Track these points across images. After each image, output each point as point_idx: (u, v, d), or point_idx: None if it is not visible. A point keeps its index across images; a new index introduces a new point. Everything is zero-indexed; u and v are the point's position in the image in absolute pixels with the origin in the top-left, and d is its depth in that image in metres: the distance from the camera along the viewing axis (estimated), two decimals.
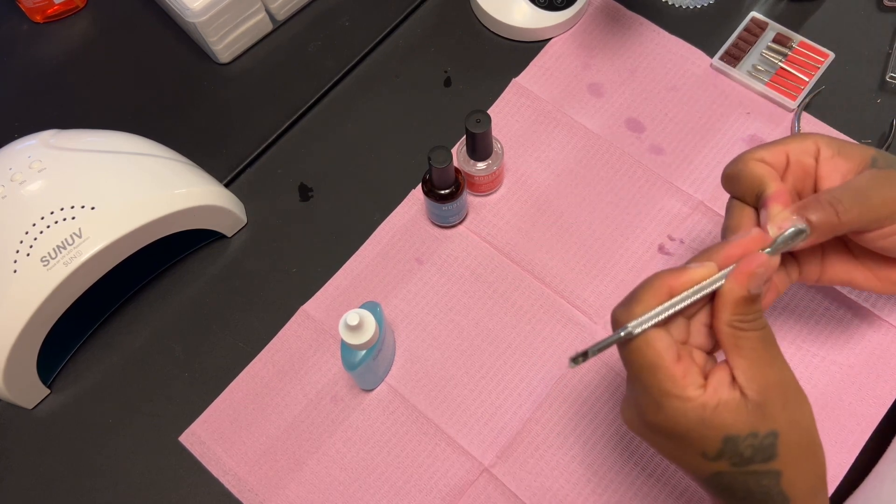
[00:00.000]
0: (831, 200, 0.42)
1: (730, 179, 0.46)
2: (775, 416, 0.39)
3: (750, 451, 0.39)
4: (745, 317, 0.39)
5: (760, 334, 0.39)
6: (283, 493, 0.57)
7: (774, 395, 0.39)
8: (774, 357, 0.40)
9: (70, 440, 0.59)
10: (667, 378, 0.39)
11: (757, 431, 0.38)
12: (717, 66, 0.68)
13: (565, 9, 0.70)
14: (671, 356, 0.39)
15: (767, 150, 0.45)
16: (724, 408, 0.38)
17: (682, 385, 0.38)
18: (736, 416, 0.38)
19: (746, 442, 0.38)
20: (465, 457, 0.57)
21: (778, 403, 0.39)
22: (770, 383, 0.39)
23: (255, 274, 0.64)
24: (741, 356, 0.39)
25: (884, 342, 0.58)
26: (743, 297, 0.39)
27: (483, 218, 0.64)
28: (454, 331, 0.61)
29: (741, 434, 0.38)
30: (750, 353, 0.39)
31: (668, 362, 0.39)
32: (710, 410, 0.38)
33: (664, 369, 0.39)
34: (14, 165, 0.55)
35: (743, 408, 0.38)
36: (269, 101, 0.70)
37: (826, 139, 0.45)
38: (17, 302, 0.53)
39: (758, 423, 0.38)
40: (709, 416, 0.38)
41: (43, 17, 0.75)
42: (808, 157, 0.45)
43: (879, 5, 0.71)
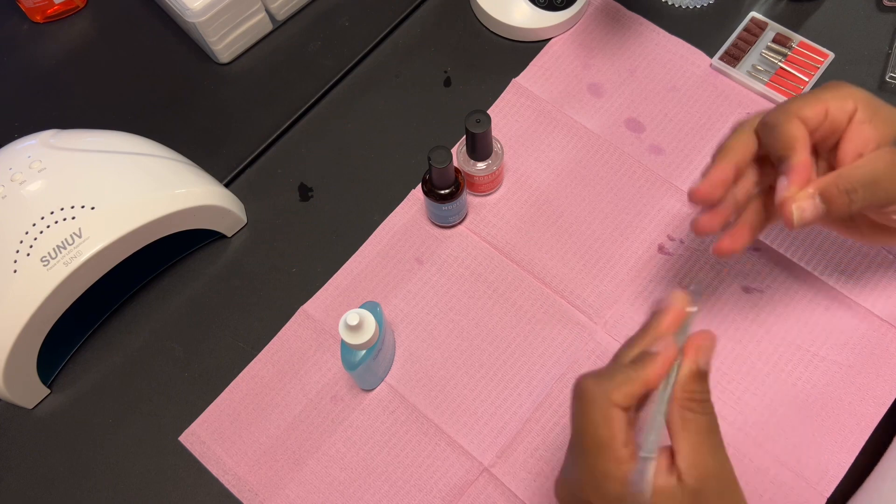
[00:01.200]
0: (848, 189, 0.44)
1: (765, 126, 0.46)
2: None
3: None
4: (695, 394, 0.39)
5: (707, 420, 0.39)
6: (283, 493, 0.57)
7: (712, 485, 0.38)
8: (717, 447, 0.39)
9: (70, 440, 0.59)
10: (612, 460, 0.38)
11: None
12: (717, 66, 0.68)
13: (565, 9, 0.70)
14: (621, 439, 0.38)
15: (809, 106, 0.45)
16: (659, 494, 0.38)
17: (626, 469, 0.38)
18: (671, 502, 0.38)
19: None
20: (464, 457, 0.57)
21: (714, 494, 0.38)
22: (710, 473, 0.38)
23: (255, 274, 0.64)
24: (686, 440, 0.39)
25: (884, 342, 0.58)
26: (693, 373, 0.39)
27: (483, 218, 0.64)
28: (454, 331, 0.61)
29: None
30: (695, 437, 0.39)
31: (618, 444, 0.38)
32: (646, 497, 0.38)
33: (612, 451, 0.38)
34: (14, 165, 0.55)
35: (678, 494, 0.38)
36: (268, 101, 0.70)
37: (865, 100, 0.45)
38: (17, 302, 0.53)
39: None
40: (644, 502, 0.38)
41: (43, 17, 0.75)
42: (843, 114, 0.45)
43: (879, 5, 0.71)
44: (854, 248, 0.61)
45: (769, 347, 0.58)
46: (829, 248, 0.61)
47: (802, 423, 0.56)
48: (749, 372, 0.58)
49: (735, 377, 0.57)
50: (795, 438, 0.55)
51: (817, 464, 0.55)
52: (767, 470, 0.55)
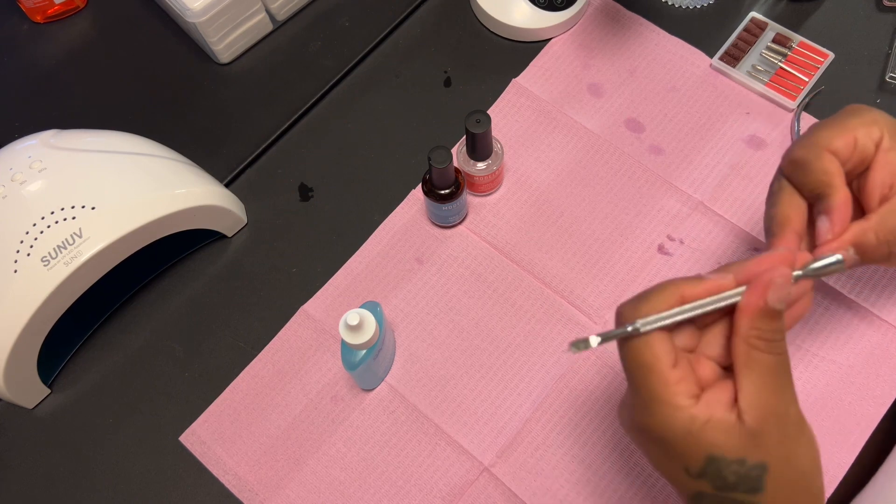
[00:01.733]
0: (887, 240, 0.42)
1: (796, 165, 0.44)
2: (769, 449, 0.36)
3: (734, 478, 0.37)
4: (761, 333, 0.37)
5: (775, 359, 0.37)
6: (284, 493, 0.57)
7: (773, 427, 0.36)
8: (784, 388, 0.37)
9: (70, 440, 0.59)
10: (659, 381, 0.37)
11: (745, 459, 0.36)
12: (717, 66, 0.68)
13: (565, 9, 0.70)
14: (668, 361, 0.37)
15: (840, 137, 0.43)
16: (714, 425, 0.37)
17: (673, 392, 0.37)
18: (725, 437, 0.36)
19: (732, 468, 0.37)
20: (465, 456, 0.57)
21: (775, 436, 0.36)
22: (771, 413, 0.36)
23: (255, 274, 0.64)
24: (749, 378, 0.37)
25: (883, 342, 0.58)
26: (760, 309, 0.37)
27: (483, 218, 0.64)
28: (454, 331, 0.61)
29: (727, 457, 0.36)
30: (758, 377, 0.37)
31: (664, 366, 0.37)
32: (697, 424, 0.37)
33: (658, 372, 0.37)
34: (14, 165, 0.55)
35: (735, 431, 0.36)
36: (269, 101, 0.70)
37: (891, 127, 0.44)
38: (18, 302, 0.53)
39: (748, 451, 0.36)
40: (696, 429, 0.37)
41: (43, 18, 0.75)
42: (870, 142, 0.44)
43: (879, 5, 0.71)
44: None
45: None
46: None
47: None
48: None
49: None
50: None
51: None
52: None
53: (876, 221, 0.43)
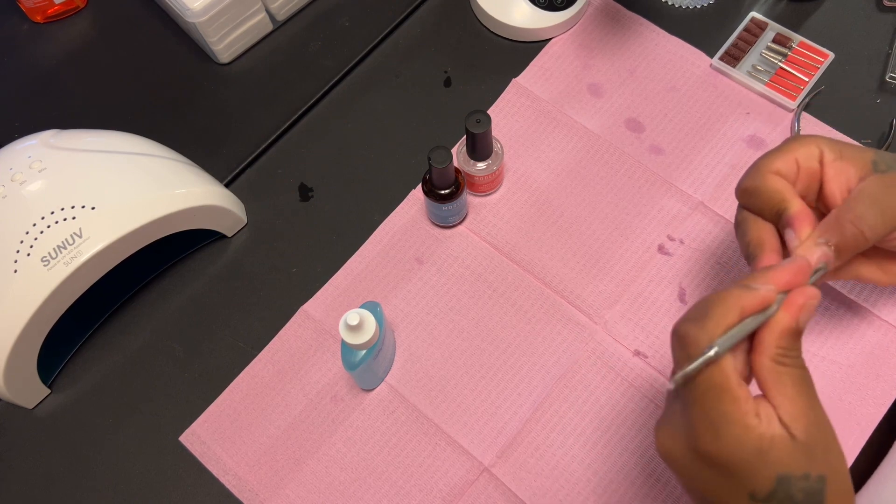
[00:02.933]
0: (854, 220, 0.42)
1: (748, 194, 0.46)
2: (821, 460, 0.36)
3: (801, 496, 0.36)
4: (788, 351, 0.38)
5: (801, 373, 0.38)
6: (284, 493, 0.57)
7: (818, 438, 0.37)
8: (814, 399, 0.38)
9: (70, 440, 0.59)
10: (732, 402, 0.36)
11: (809, 473, 0.36)
12: (717, 66, 0.68)
13: (565, 9, 0.70)
14: (737, 379, 0.37)
15: (780, 159, 0.45)
16: (779, 443, 0.36)
17: (744, 411, 0.36)
18: (790, 454, 0.36)
19: (799, 484, 0.36)
20: (465, 456, 0.57)
21: (821, 446, 0.37)
22: (813, 423, 0.37)
23: (255, 274, 0.64)
24: (783, 394, 0.37)
25: (884, 342, 0.58)
26: (791, 330, 0.37)
27: (483, 218, 0.64)
28: (454, 331, 0.61)
29: (795, 474, 0.36)
30: (792, 391, 0.37)
31: (735, 385, 0.36)
32: (766, 442, 0.36)
33: (730, 392, 0.36)
34: (14, 165, 0.55)
35: (794, 446, 0.36)
36: (269, 101, 0.70)
37: (827, 142, 0.46)
38: (18, 302, 0.53)
39: (808, 465, 0.36)
40: (766, 448, 0.36)
41: (43, 17, 0.75)
42: (813, 161, 0.45)
43: (879, 5, 0.71)
44: None
45: None
46: None
47: None
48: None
49: None
50: None
51: None
52: None
53: (839, 208, 0.43)
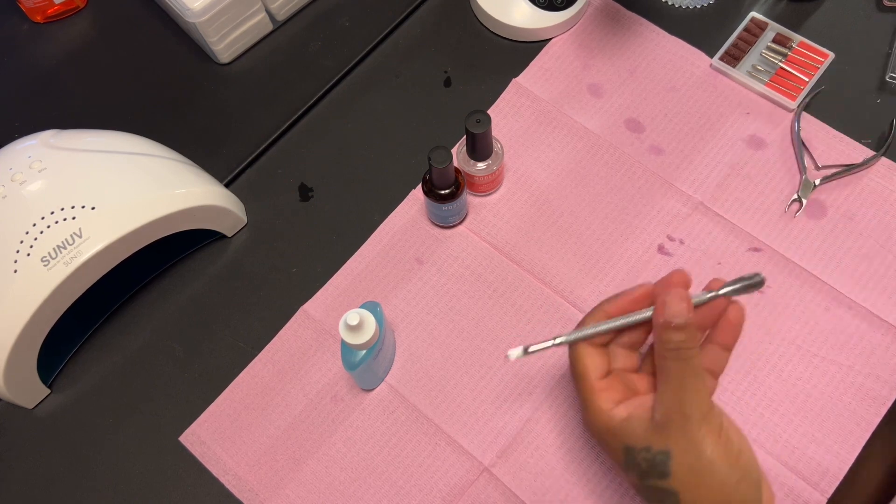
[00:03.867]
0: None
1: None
2: (672, 439, 0.41)
3: (645, 465, 0.42)
4: (668, 344, 0.42)
5: (682, 364, 0.42)
6: (283, 493, 0.57)
7: (676, 420, 0.41)
8: (691, 388, 0.42)
9: (70, 440, 0.59)
10: (586, 388, 0.45)
11: (650, 446, 0.42)
12: (717, 66, 0.68)
13: (565, 9, 0.70)
14: (597, 373, 0.45)
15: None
16: (628, 422, 0.43)
17: (597, 397, 0.44)
18: (635, 430, 0.43)
19: (641, 455, 0.42)
20: (465, 456, 0.57)
21: (679, 428, 0.41)
22: (675, 409, 0.42)
23: (255, 274, 0.64)
24: (661, 381, 0.43)
25: (884, 342, 0.58)
26: (662, 326, 0.42)
27: (483, 218, 0.64)
28: (454, 331, 0.61)
29: (636, 446, 0.43)
30: (667, 379, 0.42)
31: (591, 375, 0.45)
32: (615, 422, 0.44)
33: (586, 380, 0.45)
34: (14, 165, 0.55)
35: (644, 425, 0.42)
36: (269, 101, 0.70)
37: None
38: (18, 302, 0.53)
39: (653, 440, 0.42)
40: (614, 426, 0.44)
41: (43, 18, 0.75)
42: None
43: (879, 5, 0.71)
44: (854, 249, 0.61)
45: (769, 348, 0.58)
46: (828, 249, 0.61)
47: (802, 423, 0.56)
48: (749, 372, 0.58)
49: (735, 377, 0.57)
50: (795, 438, 0.55)
51: (817, 464, 0.55)
52: (768, 470, 0.55)
53: None
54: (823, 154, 0.65)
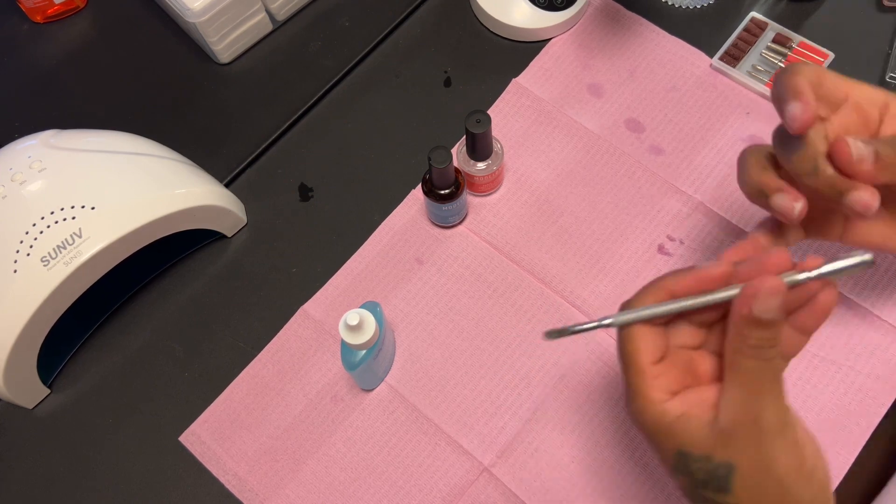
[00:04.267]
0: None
1: (777, 85, 0.41)
2: (739, 450, 0.36)
3: (702, 475, 0.37)
4: (748, 340, 0.36)
5: (760, 365, 0.36)
6: (283, 493, 0.57)
7: (748, 431, 0.36)
8: (769, 394, 0.36)
9: (70, 440, 0.59)
10: (637, 374, 0.38)
11: (711, 456, 0.36)
12: (717, 66, 0.68)
13: (565, 9, 0.70)
14: (649, 356, 0.38)
15: (833, 79, 0.40)
16: (685, 421, 0.37)
17: (649, 385, 0.38)
18: (694, 433, 0.37)
19: (698, 464, 0.37)
20: (465, 457, 0.57)
21: (749, 440, 0.36)
22: (747, 415, 0.36)
23: (255, 274, 0.64)
24: (731, 380, 0.37)
25: (884, 342, 0.58)
26: (746, 318, 0.36)
27: (483, 218, 0.64)
28: (454, 331, 0.61)
29: (694, 453, 0.37)
30: (741, 380, 0.36)
31: (643, 360, 0.38)
32: (668, 418, 0.37)
33: (637, 365, 0.38)
34: (14, 165, 0.55)
35: (705, 428, 0.36)
36: (269, 101, 0.70)
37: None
38: (18, 302, 0.53)
39: (715, 450, 0.36)
40: (666, 423, 0.37)
41: (43, 18, 0.75)
42: (873, 107, 0.41)
43: (879, 5, 0.71)
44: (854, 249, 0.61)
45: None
46: (829, 250, 0.61)
47: None
48: None
49: None
50: None
51: None
52: None
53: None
54: None
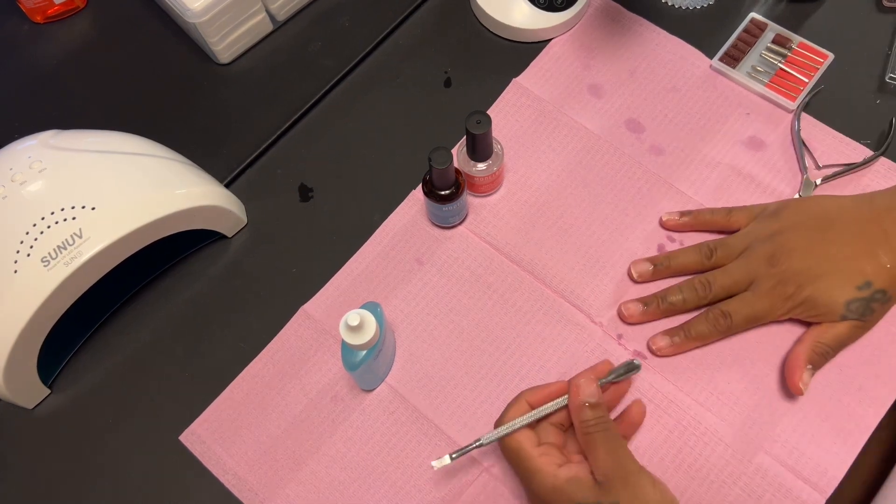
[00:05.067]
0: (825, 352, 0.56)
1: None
2: (617, 492, 0.47)
3: None
4: (588, 421, 0.50)
5: (604, 434, 0.49)
6: (283, 493, 0.57)
7: (616, 477, 0.47)
8: (616, 450, 0.49)
9: (70, 440, 0.59)
10: (528, 459, 0.49)
11: (601, 501, 0.47)
12: (717, 67, 0.68)
13: (565, 10, 0.70)
14: (530, 444, 0.50)
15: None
16: (574, 481, 0.48)
17: (541, 462, 0.49)
18: (584, 488, 0.47)
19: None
20: (464, 456, 0.57)
21: (618, 483, 0.47)
22: (613, 468, 0.48)
23: (255, 274, 0.64)
24: (591, 450, 0.49)
25: (883, 343, 0.58)
26: (579, 405, 0.50)
27: (483, 218, 0.64)
28: (454, 331, 0.61)
29: (588, 501, 0.47)
30: (596, 447, 0.49)
31: (528, 448, 0.50)
32: (560, 481, 0.48)
33: (525, 452, 0.50)
34: (14, 166, 0.55)
35: (589, 483, 0.48)
36: (269, 101, 0.70)
37: None
38: (18, 302, 0.53)
39: (601, 496, 0.47)
40: (559, 485, 0.48)
41: (43, 18, 0.75)
42: None
43: (879, 6, 0.71)
44: None
45: (769, 348, 0.58)
46: None
47: (802, 423, 0.56)
48: (749, 372, 0.58)
49: (734, 377, 0.58)
50: (795, 439, 0.55)
51: (816, 464, 0.55)
52: (767, 470, 0.55)
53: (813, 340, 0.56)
54: (823, 154, 0.65)
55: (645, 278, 0.60)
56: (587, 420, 0.50)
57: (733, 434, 0.56)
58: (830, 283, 0.54)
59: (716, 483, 0.55)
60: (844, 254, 0.55)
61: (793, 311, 0.56)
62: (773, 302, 0.56)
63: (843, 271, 0.54)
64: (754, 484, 0.54)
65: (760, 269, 0.56)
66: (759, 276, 0.56)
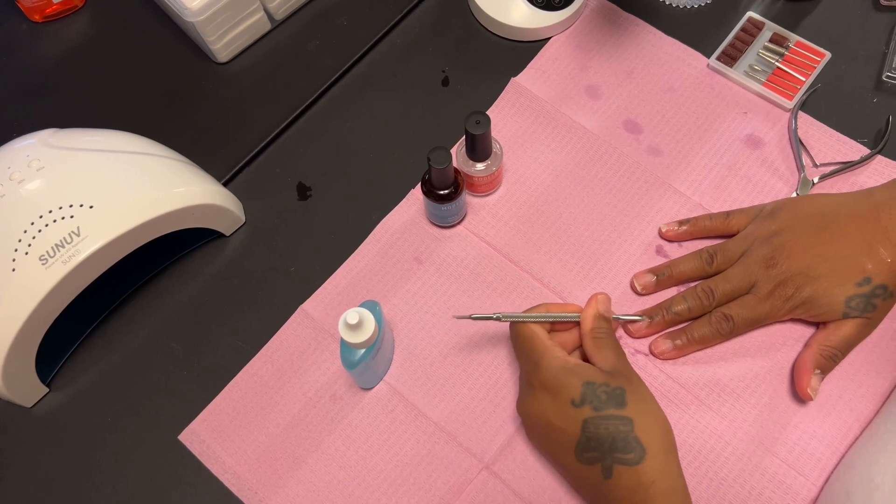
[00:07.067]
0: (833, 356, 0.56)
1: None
2: (621, 381, 0.50)
3: (605, 396, 0.49)
4: (600, 328, 0.53)
5: (612, 340, 0.53)
6: (283, 492, 0.57)
7: (621, 372, 0.51)
8: (622, 356, 0.52)
9: (69, 439, 0.59)
10: (542, 342, 0.52)
11: (609, 383, 0.49)
12: (714, 66, 0.68)
13: (563, 8, 0.70)
14: (543, 332, 0.53)
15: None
16: (583, 366, 0.51)
17: (551, 346, 0.52)
18: (593, 371, 0.50)
19: (601, 389, 0.49)
20: (463, 455, 0.57)
21: (623, 377, 0.50)
22: (618, 366, 0.51)
23: (253, 273, 0.64)
24: (598, 350, 0.52)
25: (883, 340, 0.58)
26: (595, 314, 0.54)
27: (482, 218, 0.64)
28: (453, 329, 0.61)
29: (597, 381, 0.49)
30: (604, 348, 0.52)
31: (540, 334, 0.53)
32: (571, 364, 0.51)
33: (539, 338, 0.53)
34: (13, 164, 0.55)
35: (598, 370, 0.51)
36: (267, 100, 0.70)
37: None
38: (16, 300, 0.53)
39: (609, 380, 0.50)
40: (571, 366, 0.51)
41: (42, 17, 0.75)
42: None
43: (876, 5, 0.71)
44: None
45: (768, 345, 0.58)
46: None
47: (802, 419, 0.56)
48: (749, 370, 0.58)
49: (735, 375, 0.58)
50: (796, 435, 0.56)
51: (817, 460, 0.55)
52: (766, 468, 0.55)
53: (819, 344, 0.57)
54: (821, 152, 0.65)
55: (649, 290, 0.60)
56: (599, 327, 0.53)
57: (732, 431, 0.56)
58: (830, 282, 0.55)
59: (715, 480, 0.55)
60: (843, 251, 0.55)
61: (794, 311, 0.56)
62: (774, 304, 0.56)
63: (842, 269, 0.54)
64: (753, 480, 0.55)
65: (759, 272, 0.56)
66: (758, 279, 0.56)
